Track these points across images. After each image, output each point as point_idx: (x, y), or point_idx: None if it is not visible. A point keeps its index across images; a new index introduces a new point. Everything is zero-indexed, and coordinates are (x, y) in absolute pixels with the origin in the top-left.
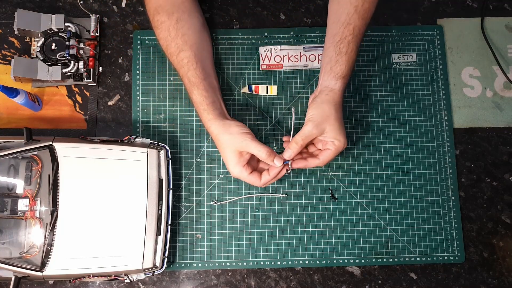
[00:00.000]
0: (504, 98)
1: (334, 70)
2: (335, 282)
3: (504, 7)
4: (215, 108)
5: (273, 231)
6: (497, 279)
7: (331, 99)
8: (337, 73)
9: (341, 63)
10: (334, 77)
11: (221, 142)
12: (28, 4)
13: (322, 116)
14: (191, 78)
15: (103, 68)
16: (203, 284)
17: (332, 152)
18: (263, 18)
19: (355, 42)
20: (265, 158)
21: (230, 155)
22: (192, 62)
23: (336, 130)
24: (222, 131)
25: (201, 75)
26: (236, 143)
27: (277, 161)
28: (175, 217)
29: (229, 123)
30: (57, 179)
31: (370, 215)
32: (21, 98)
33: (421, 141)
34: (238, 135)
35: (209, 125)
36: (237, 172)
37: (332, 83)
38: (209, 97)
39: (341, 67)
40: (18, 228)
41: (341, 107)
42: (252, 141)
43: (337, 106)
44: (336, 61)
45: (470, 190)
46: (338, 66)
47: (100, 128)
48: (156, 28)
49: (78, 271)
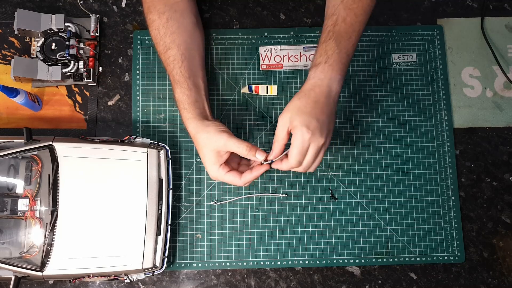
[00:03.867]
0: (504, 98)
1: (312, 61)
2: (335, 282)
3: (504, 7)
4: (196, 108)
5: (273, 231)
6: (497, 279)
7: (300, 89)
8: (313, 62)
9: (316, 53)
10: (310, 68)
11: (199, 142)
12: (28, 4)
13: (287, 107)
14: (175, 76)
15: (103, 68)
16: (203, 284)
17: (293, 146)
18: (263, 18)
19: (336, 31)
20: (246, 154)
21: (208, 155)
22: (178, 61)
23: (294, 117)
24: (199, 130)
25: (185, 73)
26: (214, 142)
27: (259, 155)
28: (175, 217)
29: (207, 123)
30: (57, 179)
31: (370, 215)
32: (21, 98)
33: (421, 141)
34: (215, 133)
35: (187, 124)
36: (215, 172)
37: (309, 75)
38: (191, 96)
39: (316, 56)
40: (18, 228)
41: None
42: (229, 138)
43: (302, 94)
44: (315, 52)
45: (470, 190)
46: (314, 57)
47: (100, 128)
48: (148, 26)
49: (78, 271)
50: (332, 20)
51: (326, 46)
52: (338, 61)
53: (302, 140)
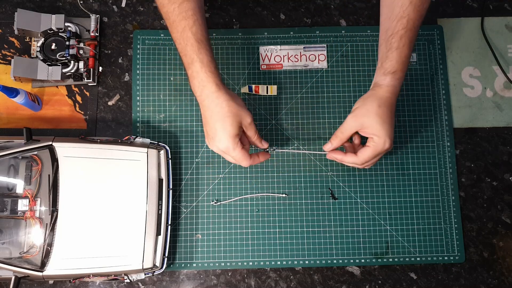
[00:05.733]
0: (504, 98)
1: (384, 66)
2: (335, 282)
3: (504, 7)
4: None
5: (273, 231)
6: (497, 279)
7: (376, 94)
8: (387, 69)
9: (391, 59)
10: (383, 73)
11: (226, 110)
12: (28, 4)
13: (362, 110)
14: (196, 33)
15: (103, 68)
16: (203, 284)
17: (370, 150)
18: (263, 18)
19: (408, 36)
20: (255, 140)
21: (232, 124)
22: (198, 16)
23: (376, 126)
24: (231, 98)
25: (206, 33)
26: (244, 116)
27: (265, 144)
28: (175, 217)
29: (236, 95)
30: (57, 179)
31: (370, 215)
32: (21, 98)
33: (421, 141)
34: (246, 109)
35: (218, 88)
36: (227, 143)
37: (381, 79)
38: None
39: (391, 63)
40: (18, 228)
41: (389, 104)
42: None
43: (382, 101)
44: (386, 57)
45: (470, 190)
46: (388, 62)
47: (100, 128)
48: None
49: (78, 271)
50: (403, 23)
51: (402, 53)
52: (407, 65)
53: (382, 149)
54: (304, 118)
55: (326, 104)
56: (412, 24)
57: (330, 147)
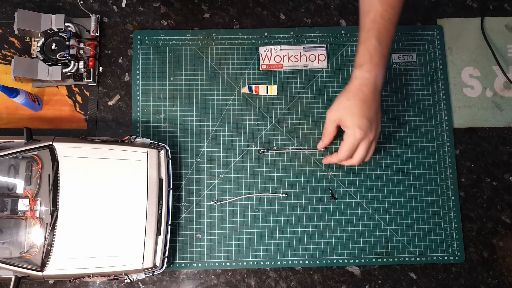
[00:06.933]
0: (504, 98)
1: (355, 60)
2: (335, 282)
3: (504, 7)
4: None
5: (273, 231)
6: (497, 279)
7: (347, 88)
8: (356, 62)
9: (358, 52)
10: (354, 66)
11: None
12: (28, 4)
13: (335, 105)
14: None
15: (103, 68)
16: (203, 284)
17: (344, 142)
18: (263, 18)
19: (377, 29)
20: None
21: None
22: None
23: (345, 118)
24: None
25: None
26: None
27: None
28: (175, 217)
29: None
30: (57, 179)
31: (370, 215)
32: (21, 98)
33: (421, 141)
34: None
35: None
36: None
37: (353, 73)
38: None
39: (358, 56)
40: (18, 228)
41: (360, 96)
42: None
43: (351, 94)
44: (357, 51)
45: (470, 190)
46: (357, 56)
47: (100, 128)
48: None
49: (78, 271)
50: (370, 17)
51: (368, 45)
52: (381, 57)
53: (354, 139)
54: (304, 118)
55: (326, 104)
56: (380, 16)
57: (321, 144)
